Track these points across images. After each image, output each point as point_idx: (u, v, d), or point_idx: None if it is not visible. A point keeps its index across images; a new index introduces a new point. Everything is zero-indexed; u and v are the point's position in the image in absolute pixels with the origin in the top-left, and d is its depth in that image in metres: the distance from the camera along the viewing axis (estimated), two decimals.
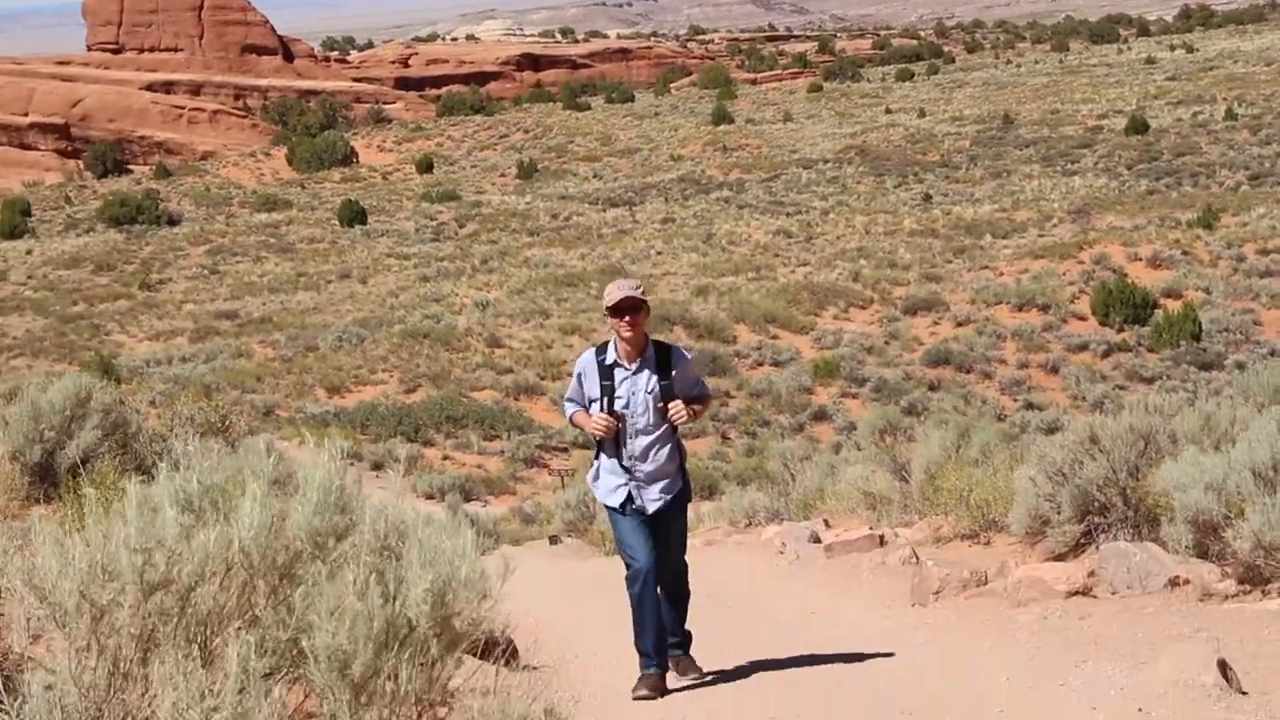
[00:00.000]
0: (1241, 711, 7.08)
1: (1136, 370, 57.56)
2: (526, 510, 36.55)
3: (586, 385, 9.30)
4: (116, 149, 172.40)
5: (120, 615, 3.83)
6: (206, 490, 4.24)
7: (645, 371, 9.17)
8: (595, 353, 9.36)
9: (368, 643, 3.88)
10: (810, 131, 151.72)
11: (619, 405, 9.14)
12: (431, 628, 4.05)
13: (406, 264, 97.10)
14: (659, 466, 9.22)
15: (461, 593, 4.15)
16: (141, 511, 3.94)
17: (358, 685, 3.87)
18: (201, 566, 3.94)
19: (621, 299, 9.04)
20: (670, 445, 9.28)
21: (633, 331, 9.08)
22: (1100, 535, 12.20)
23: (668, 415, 9.16)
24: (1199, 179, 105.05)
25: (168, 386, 46.75)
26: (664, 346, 9.36)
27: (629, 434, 9.18)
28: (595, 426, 9.15)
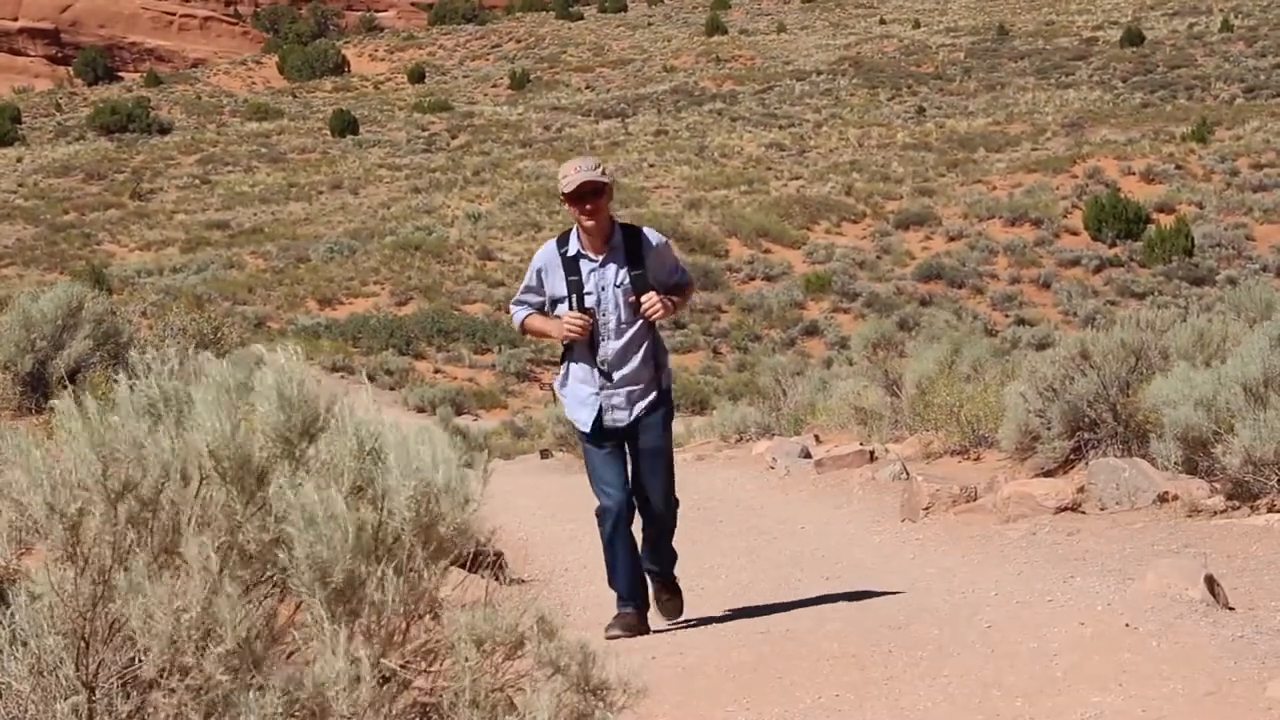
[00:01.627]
0: (1228, 626, 7.12)
1: (1128, 285, 57.63)
2: (518, 424, 36.67)
3: (550, 283, 8.12)
4: (107, 55, 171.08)
5: (92, 524, 3.83)
6: (169, 397, 4.22)
7: (613, 264, 8.04)
8: (556, 244, 8.19)
9: (348, 551, 3.88)
10: (804, 43, 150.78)
11: (589, 302, 8.00)
12: (415, 534, 4.04)
13: (398, 175, 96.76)
14: (633, 371, 8.08)
15: (443, 498, 4.14)
16: (100, 418, 3.94)
17: (339, 592, 3.87)
18: (164, 469, 3.94)
19: (581, 183, 7.87)
20: (646, 346, 8.12)
21: (594, 219, 7.94)
22: (1090, 451, 12.26)
23: (641, 310, 8.00)
24: (1194, 92, 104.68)
25: (159, 297, 46.62)
26: (633, 231, 8.18)
27: (599, 335, 8.03)
28: (570, 328, 7.95)
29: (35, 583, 3.85)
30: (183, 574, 3.81)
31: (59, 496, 3.84)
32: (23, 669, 3.79)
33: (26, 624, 3.78)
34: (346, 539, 3.92)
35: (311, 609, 3.93)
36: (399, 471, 4.09)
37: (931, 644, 7.54)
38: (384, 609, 3.97)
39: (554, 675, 4.13)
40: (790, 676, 7.07)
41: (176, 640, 3.73)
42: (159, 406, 4.20)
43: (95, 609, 3.82)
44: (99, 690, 3.81)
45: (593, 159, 8.07)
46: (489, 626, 4.07)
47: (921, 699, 6.76)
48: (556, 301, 8.09)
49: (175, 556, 3.93)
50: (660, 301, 7.99)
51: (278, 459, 4.16)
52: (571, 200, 7.93)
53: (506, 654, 4.11)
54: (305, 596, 3.93)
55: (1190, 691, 6.32)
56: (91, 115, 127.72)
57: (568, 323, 7.94)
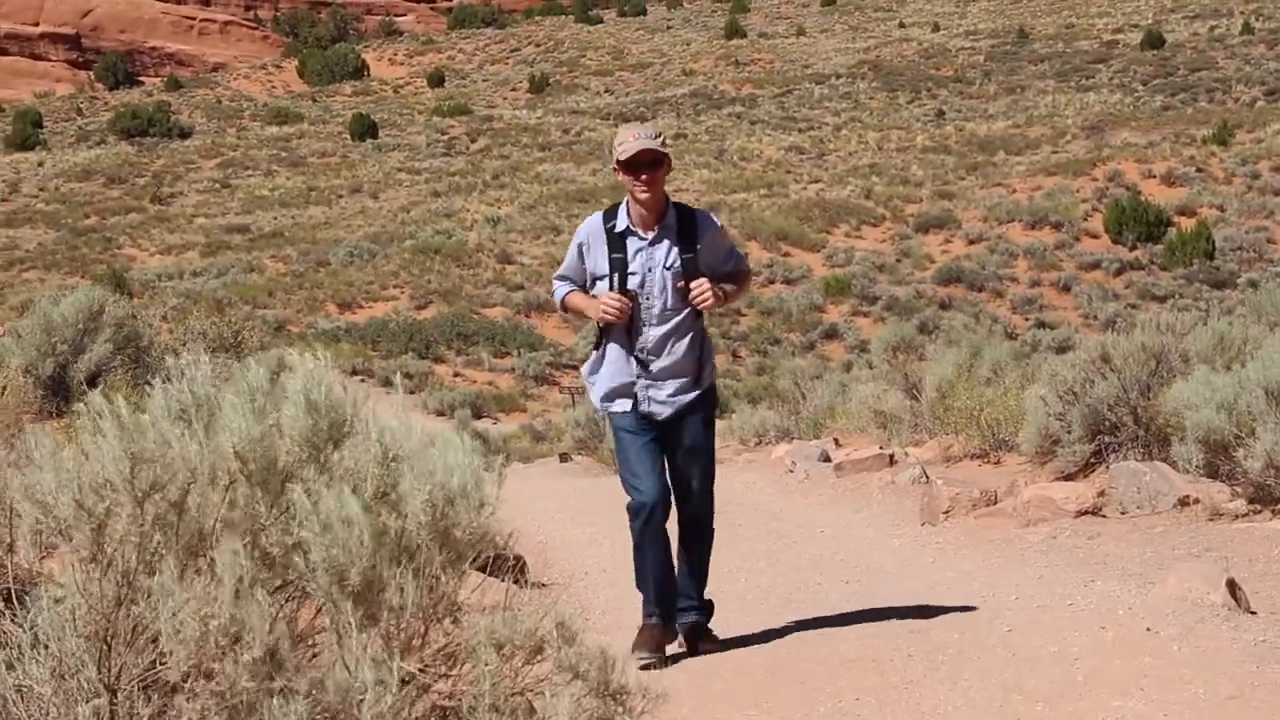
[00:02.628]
0: (1250, 630, 7.10)
1: (1149, 289, 57.50)
2: (537, 428, 36.71)
3: (591, 259, 7.49)
4: (127, 60, 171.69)
5: (119, 525, 3.84)
6: (200, 401, 4.24)
7: (665, 242, 7.40)
8: (603, 218, 7.56)
9: (364, 554, 3.89)
10: (823, 46, 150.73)
11: (633, 283, 7.35)
12: (432, 538, 4.05)
13: (418, 179, 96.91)
14: (675, 362, 7.42)
15: (460, 502, 4.15)
16: (131, 421, 3.95)
17: (358, 596, 3.88)
18: (191, 470, 3.95)
19: (638, 151, 7.26)
20: (691, 336, 7.45)
21: (650, 192, 7.34)
22: (1110, 455, 12.22)
23: (690, 297, 7.32)
24: (1215, 94, 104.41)
25: (180, 301, 46.83)
26: (687, 211, 7.57)
27: (643, 321, 7.37)
28: (607, 309, 7.28)
29: (60, 585, 3.86)
30: (211, 578, 3.82)
31: (87, 496, 3.86)
32: (44, 671, 3.80)
33: (49, 626, 3.79)
34: (364, 543, 3.93)
35: (331, 613, 3.94)
36: (414, 476, 4.10)
37: (951, 648, 7.53)
38: (403, 613, 3.98)
39: (573, 680, 4.14)
40: (809, 680, 7.07)
41: (204, 645, 3.74)
42: (189, 410, 4.22)
43: (119, 611, 3.83)
44: (120, 693, 3.81)
45: (652, 126, 7.39)
46: (509, 631, 4.08)
47: (942, 703, 6.75)
48: (596, 279, 7.45)
49: (202, 560, 3.94)
50: (712, 289, 7.29)
51: (303, 464, 4.17)
52: (626, 168, 7.34)
53: (526, 658, 4.12)
54: (324, 600, 3.94)
55: (1212, 696, 6.31)
56: (112, 119, 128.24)
57: (605, 303, 7.26)
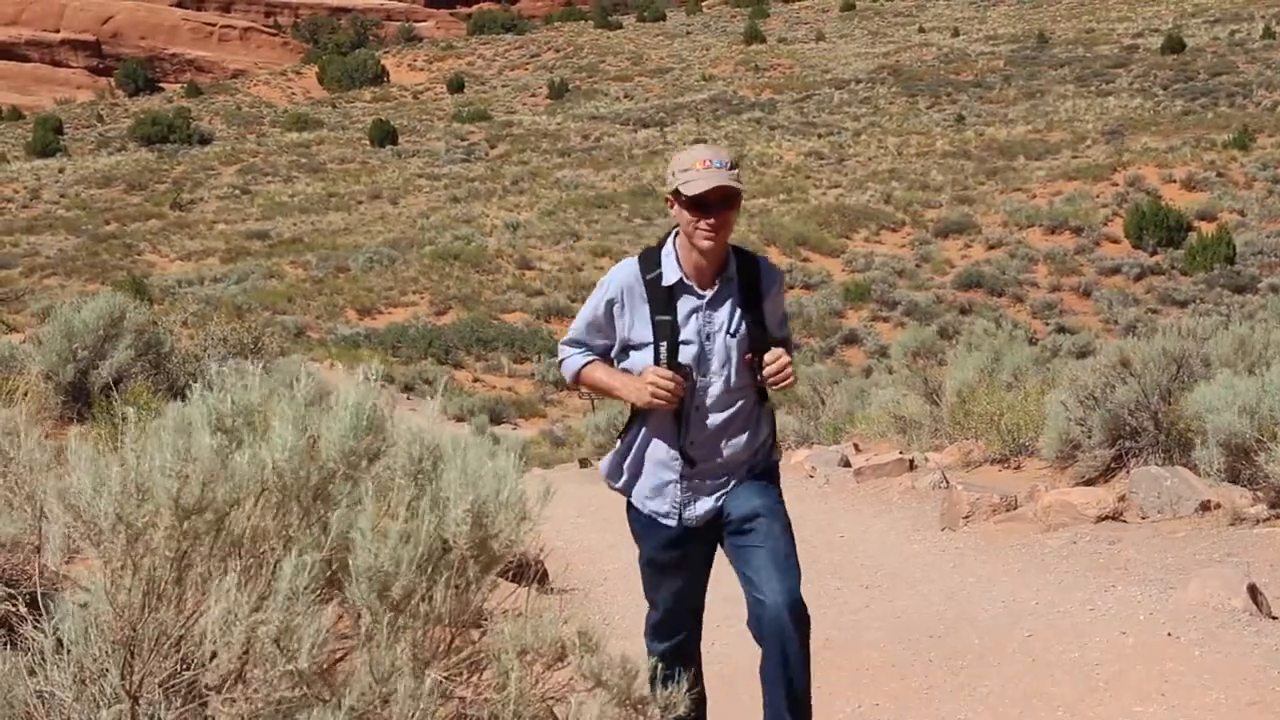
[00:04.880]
0: (1271, 636, 7.09)
1: (1169, 293, 57.34)
2: (556, 433, 36.71)
3: (625, 321, 5.46)
4: (148, 66, 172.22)
5: (156, 536, 3.86)
6: (240, 411, 4.26)
7: (728, 301, 5.43)
8: (639, 266, 5.48)
9: (411, 564, 3.91)
10: (843, 51, 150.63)
11: (685, 356, 5.35)
12: (470, 549, 4.07)
13: (437, 184, 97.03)
14: (732, 457, 5.52)
15: (500, 515, 4.17)
16: (178, 434, 3.97)
17: (396, 606, 3.91)
18: (237, 490, 3.97)
19: (710, 189, 5.25)
20: (754, 425, 5.56)
21: (715, 240, 5.32)
22: (1131, 460, 12.21)
23: (763, 375, 5.38)
24: (1235, 99, 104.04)
25: (200, 307, 46.91)
26: (749, 258, 5.57)
27: (693, 404, 5.41)
28: (658, 392, 5.29)
29: (86, 590, 3.88)
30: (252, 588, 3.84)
31: (127, 506, 3.87)
32: (66, 677, 3.81)
33: (73, 632, 3.81)
34: (415, 555, 3.95)
35: (365, 621, 3.96)
36: (458, 485, 4.12)
37: (972, 653, 7.53)
38: (435, 622, 4.00)
39: (596, 688, 4.15)
40: (830, 685, 7.07)
41: (249, 652, 3.76)
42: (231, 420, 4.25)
43: (144, 617, 3.85)
44: (143, 700, 3.83)
45: (726, 153, 5.43)
46: (532, 637, 4.09)
47: (962, 708, 6.75)
48: (631, 348, 5.48)
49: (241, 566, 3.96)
50: (790, 365, 5.41)
51: (342, 476, 4.19)
52: (691, 207, 5.31)
53: (548, 665, 4.13)
54: (363, 608, 3.96)
55: (1233, 701, 6.30)
56: (132, 126, 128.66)
57: (655, 384, 5.29)
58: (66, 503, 3.93)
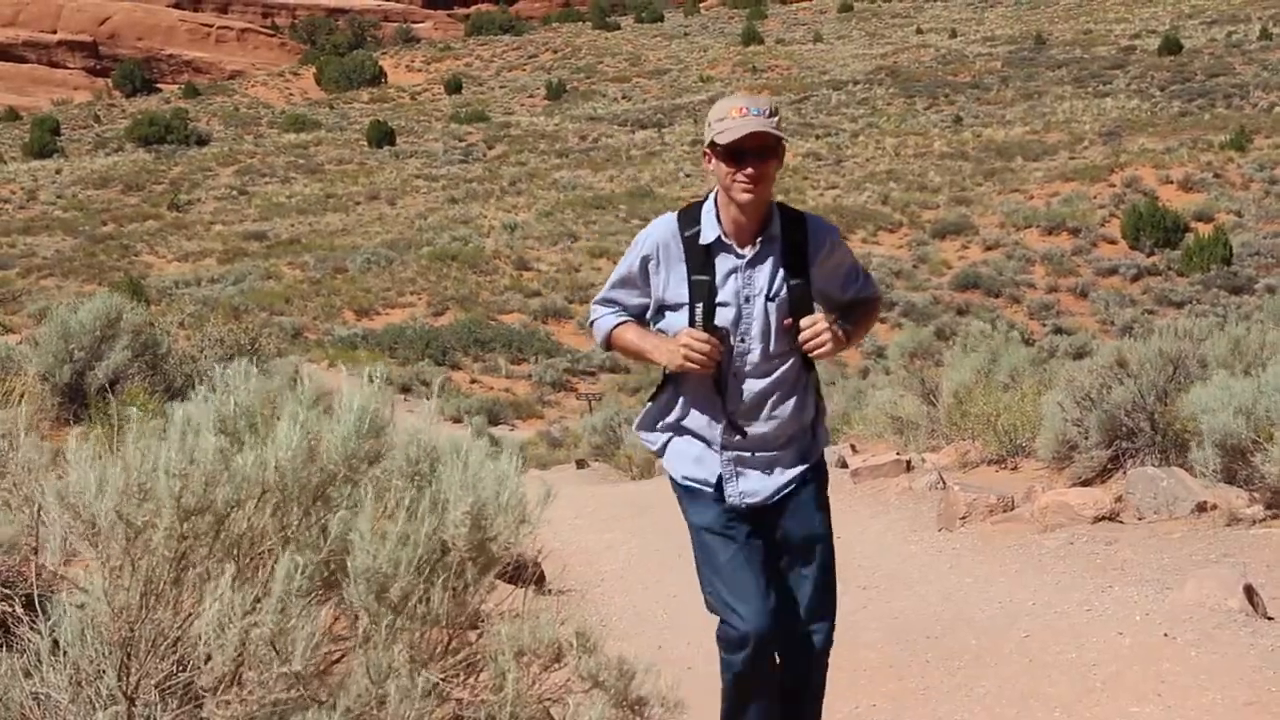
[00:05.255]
0: (1267, 636, 7.10)
1: (1166, 294, 57.39)
2: (554, 434, 36.71)
3: (660, 280, 5.13)
4: (145, 67, 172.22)
5: (155, 536, 3.86)
6: (244, 413, 4.27)
7: (768, 261, 5.06)
8: (679, 223, 5.13)
9: (410, 566, 3.92)
10: (840, 52, 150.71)
11: (722, 319, 5.02)
12: (468, 551, 4.08)
13: (435, 185, 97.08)
14: (778, 427, 5.15)
15: (500, 518, 4.17)
16: (183, 435, 3.97)
17: (394, 608, 3.91)
18: (238, 491, 3.98)
19: (745, 135, 4.90)
20: (800, 392, 5.18)
21: (755, 192, 4.94)
22: (1128, 460, 12.22)
23: (800, 340, 5.03)
24: (1232, 100, 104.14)
25: (197, 308, 46.89)
26: (796, 217, 5.15)
27: (731, 370, 5.07)
28: (692, 355, 4.93)
29: (84, 591, 3.88)
30: (249, 589, 3.84)
31: (128, 506, 3.88)
32: (62, 679, 3.81)
33: (70, 633, 3.81)
34: (414, 557, 3.95)
35: (360, 622, 3.96)
36: (457, 488, 4.13)
37: (969, 654, 7.53)
38: (433, 623, 4.01)
39: (593, 689, 4.15)
40: (828, 686, 7.07)
41: (243, 654, 3.76)
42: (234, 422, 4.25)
43: (142, 618, 3.85)
44: (139, 702, 3.83)
45: (765, 100, 5.04)
46: (529, 639, 4.10)
47: (959, 709, 6.76)
48: (666, 309, 5.15)
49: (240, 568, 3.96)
50: (830, 331, 5.02)
51: (342, 479, 4.20)
52: (726, 156, 4.95)
53: (545, 666, 4.14)
54: (361, 610, 3.96)
55: (1229, 702, 6.31)
56: (130, 127, 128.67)
57: (689, 346, 4.93)
58: (66, 502, 3.94)
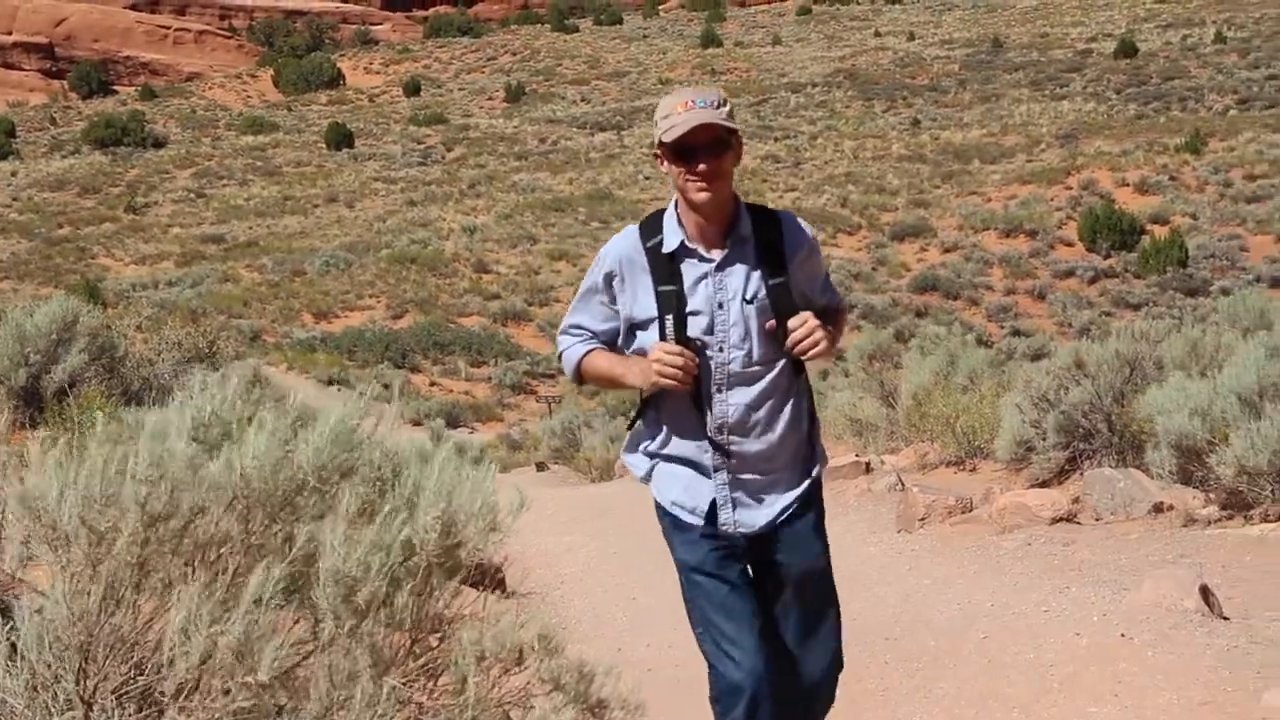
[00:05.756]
0: (1223, 636, 7.15)
1: (1123, 296, 57.70)
2: (513, 437, 36.67)
3: (628, 297, 4.73)
4: (101, 69, 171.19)
5: (119, 542, 3.85)
6: (215, 419, 4.25)
7: (742, 263, 4.66)
8: (640, 234, 4.74)
9: (380, 571, 3.91)
10: (799, 55, 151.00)
11: (695, 329, 4.61)
12: (436, 556, 4.08)
13: (394, 188, 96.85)
14: (770, 444, 4.71)
15: (470, 524, 4.17)
16: (153, 440, 3.96)
17: (360, 613, 3.91)
18: (205, 497, 3.97)
19: (691, 129, 4.51)
20: (793, 403, 4.76)
21: (711, 190, 4.56)
22: (1085, 461, 12.29)
23: (789, 343, 4.59)
24: (1187, 103, 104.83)
25: (154, 311, 46.66)
26: (768, 215, 4.77)
27: (713, 383, 4.65)
28: (665, 371, 4.50)
29: (44, 595, 3.87)
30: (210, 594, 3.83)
31: (92, 511, 3.86)
32: (19, 684, 3.79)
33: (28, 637, 3.79)
34: (385, 562, 3.95)
35: (325, 627, 3.95)
36: (429, 494, 4.12)
37: (928, 655, 7.56)
38: (397, 627, 4.00)
39: (553, 692, 4.16)
40: None
41: (207, 663, 3.75)
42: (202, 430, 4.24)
43: (102, 623, 3.83)
44: (96, 707, 3.82)
45: (713, 91, 4.71)
46: (490, 642, 4.10)
47: (918, 710, 6.78)
48: (637, 328, 4.75)
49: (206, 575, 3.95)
50: (821, 329, 4.61)
51: (313, 489, 4.18)
52: (676, 156, 4.57)
53: (505, 669, 4.14)
54: (326, 614, 3.95)
55: (1185, 701, 6.35)
56: (86, 129, 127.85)
57: (661, 361, 4.51)
58: (28, 506, 3.92)
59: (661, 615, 9.37)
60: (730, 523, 4.71)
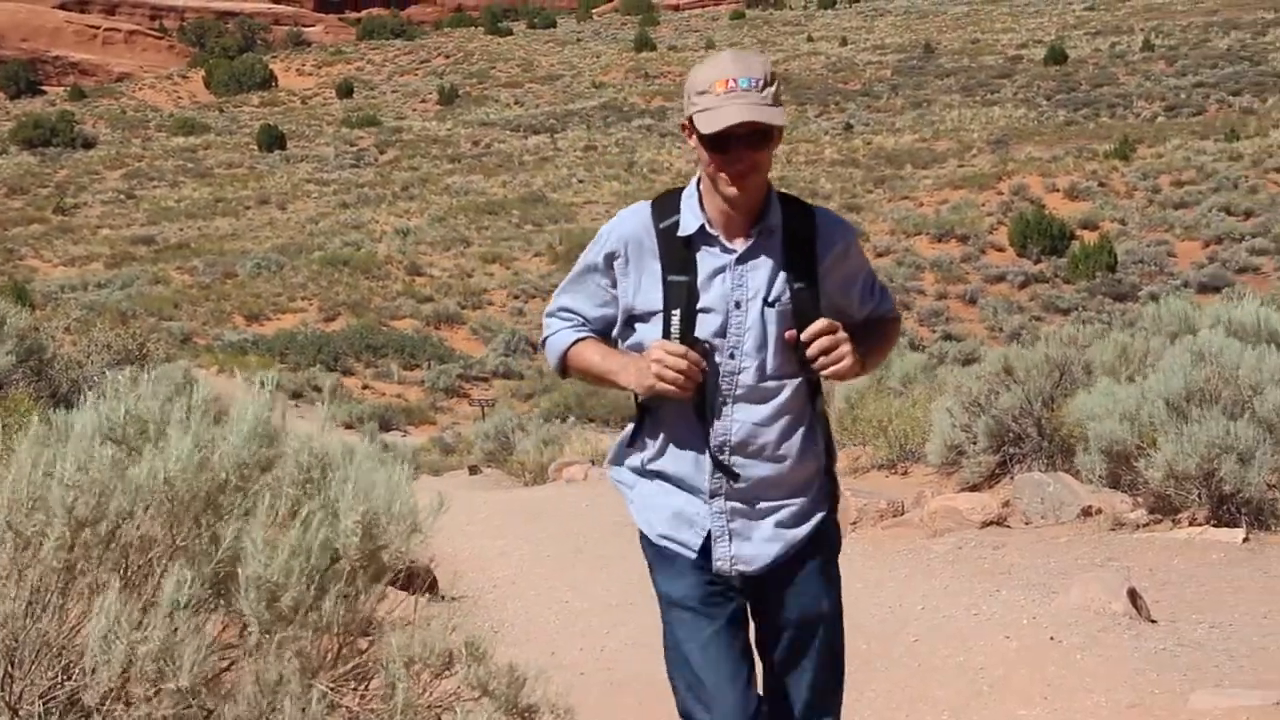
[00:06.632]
0: (1150, 639, 7.21)
1: (1053, 301, 58.10)
2: (446, 440, 36.53)
3: (630, 282, 4.11)
4: (29, 69, 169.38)
5: (45, 546, 3.81)
6: (135, 420, 4.21)
7: (767, 257, 4.03)
8: (653, 212, 4.12)
9: (301, 575, 3.88)
10: None
11: (706, 330, 3.98)
12: (359, 560, 4.05)
13: (326, 190, 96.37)
14: (782, 469, 4.09)
15: (392, 526, 4.15)
16: (76, 443, 3.92)
17: (284, 617, 3.88)
18: (132, 501, 3.93)
19: (734, 124, 3.82)
20: (806, 426, 4.13)
21: (744, 187, 3.94)
22: (1015, 466, 12.37)
23: (808, 357, 3.95)
24: (1116, 110, 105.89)
25: (83, 313, 46.22)
26: (802, 209, 4.12)
27: (719, 394, 4.01)
28: (665, 374, 3.88)
29: None
30: (137, 599, 3.79)
31: (17, 516, 3.82)
32: None
33: None
34: (307, 566, 3.92)
35: (251, 632, 3.92)
36: (349, 496, 4.10)
37: (859, 658, 7.58)
38: (323, 632, 3.98)
39: (482, 697, 4.15)
40: None
41: (129, 670, 3.71)
42: (120, 430, 4.19)
43: (28, 628, 3.79)
44: (22, 713, 3.78)
45: (758, 61, 3.95)
46: (420, 647, 4.08)
47: (849, 713, 6.78)
48: (636, 320, 4.12)
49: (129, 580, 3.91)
50: (850, 344, 3.98)
51: (234, 488, 4.15)
52: (711, 147, 3.91)
53: (435, 674, 4.12)
54: (251, 619, 3.92)
55: (1114, 704, 6.40)
56: (14, 129, 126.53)
57: (661, 361, 3.89)
58: None
59: (594, 619, 9.37)
60: (726, 559, 4.06)
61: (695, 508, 4.07)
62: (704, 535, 4.05)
